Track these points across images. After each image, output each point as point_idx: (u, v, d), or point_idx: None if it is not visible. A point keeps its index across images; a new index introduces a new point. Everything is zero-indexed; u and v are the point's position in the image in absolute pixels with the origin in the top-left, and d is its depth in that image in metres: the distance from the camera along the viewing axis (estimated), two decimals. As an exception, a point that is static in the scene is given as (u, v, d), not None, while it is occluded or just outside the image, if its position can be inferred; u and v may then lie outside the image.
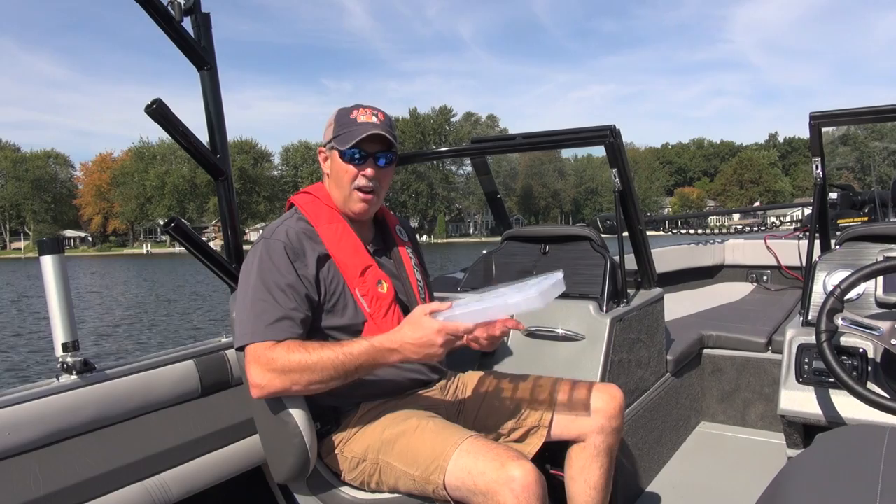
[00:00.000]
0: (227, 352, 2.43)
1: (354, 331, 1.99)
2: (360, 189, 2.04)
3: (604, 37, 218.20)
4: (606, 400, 2.13)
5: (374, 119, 2.02)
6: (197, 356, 2.34)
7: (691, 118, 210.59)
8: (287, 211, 2.12)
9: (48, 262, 1.98)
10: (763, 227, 5.67)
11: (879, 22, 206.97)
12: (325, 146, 2.09)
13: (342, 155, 2.01)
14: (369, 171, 2.03)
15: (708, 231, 5.53)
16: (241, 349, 1.88)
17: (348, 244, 2.02)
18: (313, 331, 1.94)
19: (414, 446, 1.86)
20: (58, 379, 1.99)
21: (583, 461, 2.12)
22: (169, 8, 2.27)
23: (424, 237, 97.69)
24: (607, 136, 2.72)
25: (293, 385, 1.81)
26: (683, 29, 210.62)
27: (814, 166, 2.88)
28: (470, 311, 1.76)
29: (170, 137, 2.31)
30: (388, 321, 2.03)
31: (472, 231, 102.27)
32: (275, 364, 1.79)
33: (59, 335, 1.98)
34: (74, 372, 1.99)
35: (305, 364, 1.80)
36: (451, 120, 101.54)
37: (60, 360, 1.99)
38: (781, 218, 5.86)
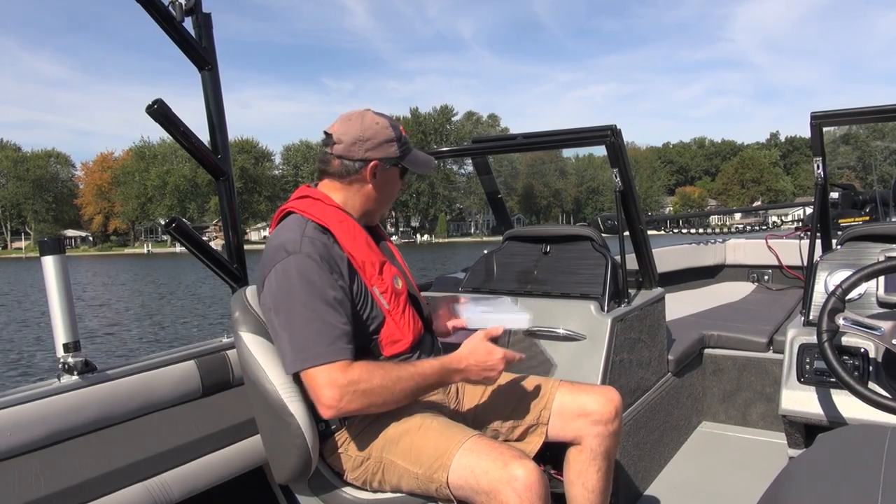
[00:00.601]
0: (227, 352, 2.42)
1: (374, 330, 1.98)
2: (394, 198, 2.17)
3: (604, 36, 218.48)
4: (603, 403, 2.12)
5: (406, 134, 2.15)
6: (198, 356, 2.34)
7: (692, 117, 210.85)
8: (281, 219, 2.05)
9: (49, 263, 1.97)
10: (765, 227, 5.68)
11: (880, 21, 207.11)
12: (381, 160, 2.03)
13: (402, 173, 2.12)
14: (405, 185, 2.20)
15: (709, 231, 5.54)
16: (297, 371, 1.83)
17: (361, 241, 2.00)
18: None
19: (418, 445, 1.86)
20: (59, 379, 1.98)
21: (580, 465, 2.12)
22: (170, 8, 2.27)
23: (426, 237, 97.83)
24: (608, 135, 2.72)
25: (370, 407, 1.81)
26: (684, 28, 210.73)
27: (815, 166, 2.88)
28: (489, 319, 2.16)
29: (171, 137, 2.31)
30: (406, 318, 2.03)
31: (473, 231, 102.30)
32: (357, 386, 1.77)
33: (61, 335, 1.97)
34: (76, 372, 1.98)
35: (386, 386, 1.81)
36: (453, 119, 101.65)
37: (62, 360, 1.98)
38: (783, 217, 5.87)
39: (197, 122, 2.40)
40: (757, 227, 5.88)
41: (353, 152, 2.01)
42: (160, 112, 2.18)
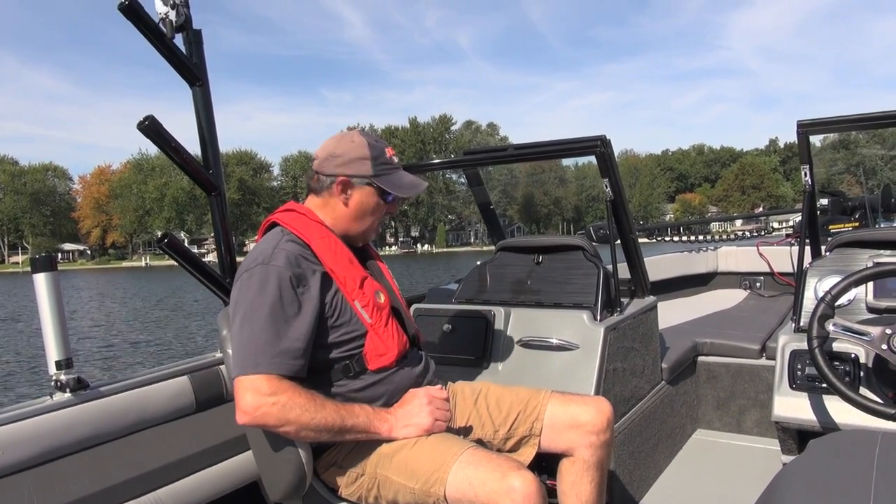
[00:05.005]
0: (221, 367, 2.42)
1: (356, 344, 1.98)
2: (380, 222, 2.12)
3: (602, 45, 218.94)
4: (594, 414, 2.12)
5: (397, 159, 2.13)
6: (191, 372, 2.35)
7: (691, 124, 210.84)
8: (264, 231, 2.07)
9: (41, 280, 1.98)
10: (767, 233, 5.72)
11: (876, 27, 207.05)
12: (351, 177, 2.04)
13: (382, 193, 2.06)
14: (395, 209, 2.14)
15: (700, 238, 5.56)
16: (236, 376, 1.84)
17: (343, 257, 2.01)
18: (316, 347, 1.92)
19: (413, 459, 1.86)
20: (51, 397, 1.99)
21: (573, 476, 2.11)
22: (160, 25, 2.28)
23: (426, 246, 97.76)
24: (598, 146, 2.73)
25: (285, 424, 1.79)
26: (681, 36, 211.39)
27: (803, 173, 2.89)
28: None
29: None
30: (389, 331, 2.03)
31: (473, 240, 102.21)
32: (277, 399, 1.77)
33: (53, 353, 1.98)
34: (68, 389, 1.99)
35: (306, 409, 1.79)
36: (451, 128, 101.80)
37: (54, 377, 1.99)
38: (784, 223, 5.89)
39: (194, 135, 2.42)
40: (757, 233, 5.91)
41: (325, 167, 2.04)
42: (151, 128, 2.18)
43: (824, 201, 4.77)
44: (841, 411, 2.41)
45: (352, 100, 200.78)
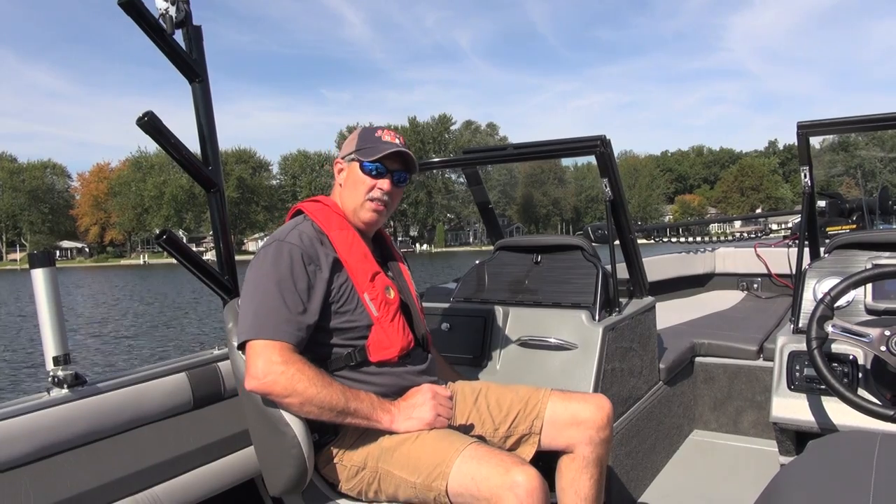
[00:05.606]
0: (219, 364, 2.42)
1: (360, 334, 2.02)
2: (372, 200, 2.11)
3: (602, 46, 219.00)
4: (594, 411, 2.14)
5: (397, 140, 2.15)
6: (189, 368, 2.34)
7: (690, 126, 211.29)
8: (291, 218, 2.15)
9: (39, 276, 1.98)
10: (765, 234, 5.73)
11: (876, 29, 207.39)
12: (343, 158, 2.17)
13: (362, 166, 2.11)
14: (386, 184, 2.12)
15: (699, 239, 5.56)
16: (243, 343, 1.89)
17: (358, 251, 2.06)
18: (319, 331, 1.97)
19: (415, 453, 1.88)
20: (49, 393, 1.98)
21: (573, 473, 2.13)
22: (160, 20, 2.27)
23: (425, 246, 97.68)
24: (598, 146, 2.73)
25: (290, 395, 1.82)
26: (681, 38, 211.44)
27: (802, 175, 2.89)
28: None
29: None
30: (395, 326, 2.06)
31: (472, 240, 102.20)
32: (287, 369, 1.81)
33: (50, 348, 1.98)
34: (65, 385, 1.98)
35: (314, 383, 1.83)
36: (451, 128, 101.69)
37: (51, 373, 1.99)
38: (783, 224, 5.90)
39: (194, 132, 2.42)
40: (757, 235, 5.91)
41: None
42: (150, 124, 2.18)
43: (822, 203, 4.78)
44: (839, 413, 2.41)
45: (351, 99, 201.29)
